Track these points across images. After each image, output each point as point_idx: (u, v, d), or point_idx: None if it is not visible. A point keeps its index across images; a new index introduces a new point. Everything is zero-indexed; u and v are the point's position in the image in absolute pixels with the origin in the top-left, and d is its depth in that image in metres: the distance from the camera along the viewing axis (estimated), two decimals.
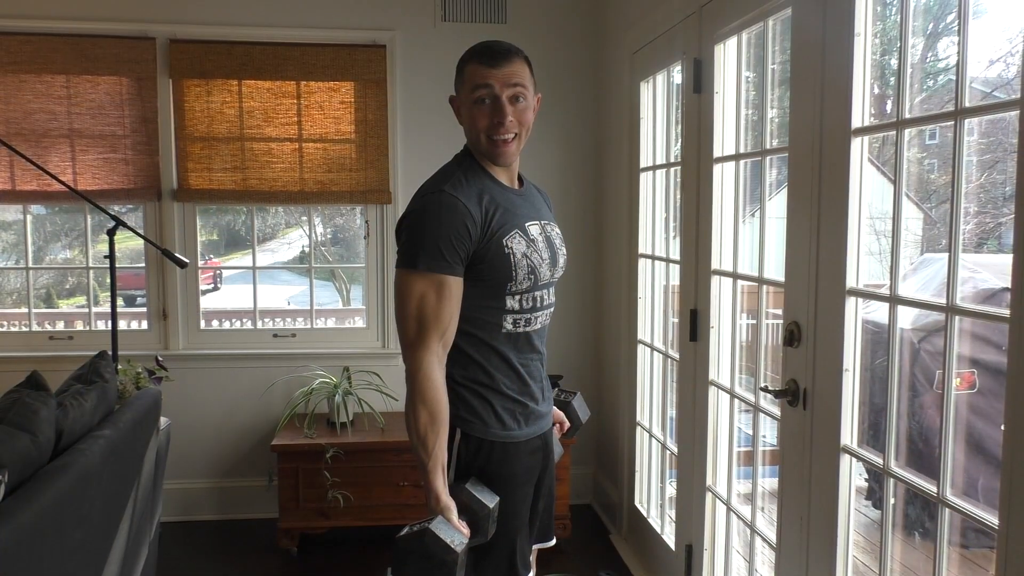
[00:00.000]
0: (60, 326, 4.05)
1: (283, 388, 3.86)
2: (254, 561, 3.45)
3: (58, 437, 1.91)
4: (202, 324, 3.89)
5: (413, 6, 3.81)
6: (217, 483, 3.90)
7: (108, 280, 3.28)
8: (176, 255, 3.33)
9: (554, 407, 2.10)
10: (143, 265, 3.86)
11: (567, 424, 2.13)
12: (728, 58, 2.53)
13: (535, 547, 1.99)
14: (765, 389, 2.21)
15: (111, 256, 3.22)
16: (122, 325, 3.86)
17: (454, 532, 1.60)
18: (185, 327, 3.85)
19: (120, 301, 3.40)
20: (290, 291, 6.52)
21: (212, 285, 7.27)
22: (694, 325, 2.74)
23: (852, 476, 1.94)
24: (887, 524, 1.87)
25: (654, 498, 3.37)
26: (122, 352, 3.27)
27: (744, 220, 2.59)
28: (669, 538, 3.09)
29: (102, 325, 3.82)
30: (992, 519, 1.47)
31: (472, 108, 1.74)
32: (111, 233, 3.20)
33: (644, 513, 3.37)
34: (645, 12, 3.18)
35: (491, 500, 1.71)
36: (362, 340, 3.96)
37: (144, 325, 3.91)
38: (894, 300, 1.78)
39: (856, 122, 1.84)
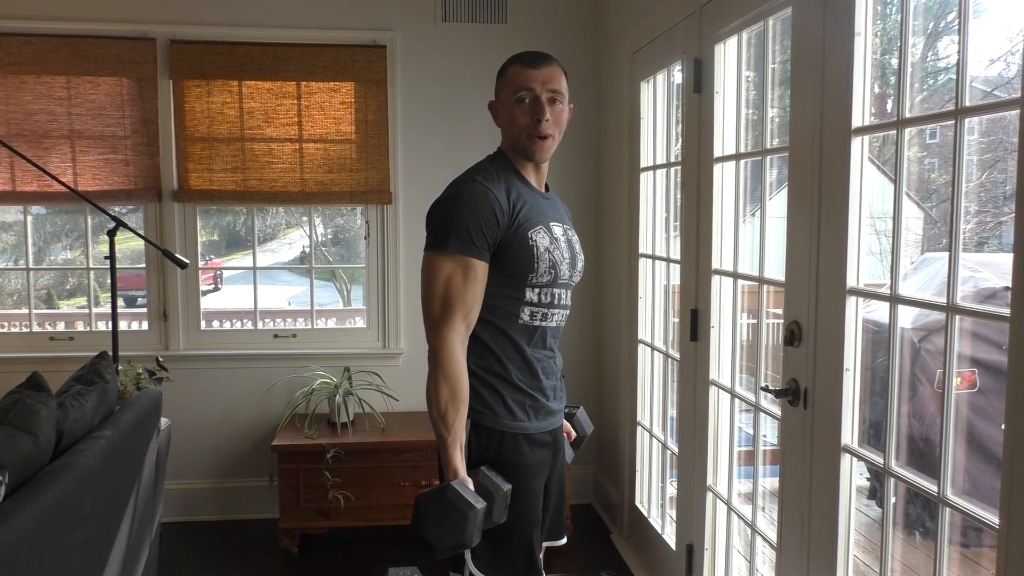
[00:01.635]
0: (61, 327, 4.05)
1: (283, 388, 3.86)
2: (255, 561, 3.46)
3: (59, 438, 1.91)
4: (203, 325, 3.89)
5: (413, 6, 3.81)
6: (218, 483, 3.90)
7: (108, 281, 3.28)
8: (176, 256, 3.33)
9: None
10: (143, 266, 3.86)
11: (574, 434, 2.16)
12: (728, 58, 2.53)
13: (545, 545, 2.00)
14: (766, 389, 2.21)
15: (111, 257, 3.21)
16: (123, 326, 3.87)
17: (474, 495, 1.66)
18: (186, 328, 3.85)
19: (120, 302, 3.40)
20: (291, 291, 6.52)
21: (213, 286, 7.27)
22: (695, 325, 2.74)
23: (853, 476, 1.94)
24: (888, 523, 1.87)
25: (655, 498, 3.37)
26: (123, 353, 3.27)
27: (744, 220, 2.59)
28: (670, 538, 3.08)
29: (103, 326, 3.82)
30: (993, 518, 1.47)
31: (513, 108, 1.83)
32: (111, 234, 3.20)
33: (645, 513, 3.37)
34: (645, 12, 3.18)
35: (504, 485, 1.75)
36: (363, 340, 3.96)
37: (145, 326, 3.91)
38: (895, 299, 1.78)
39: (856, 121, 1.84)
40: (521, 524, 1.82)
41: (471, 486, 1.70)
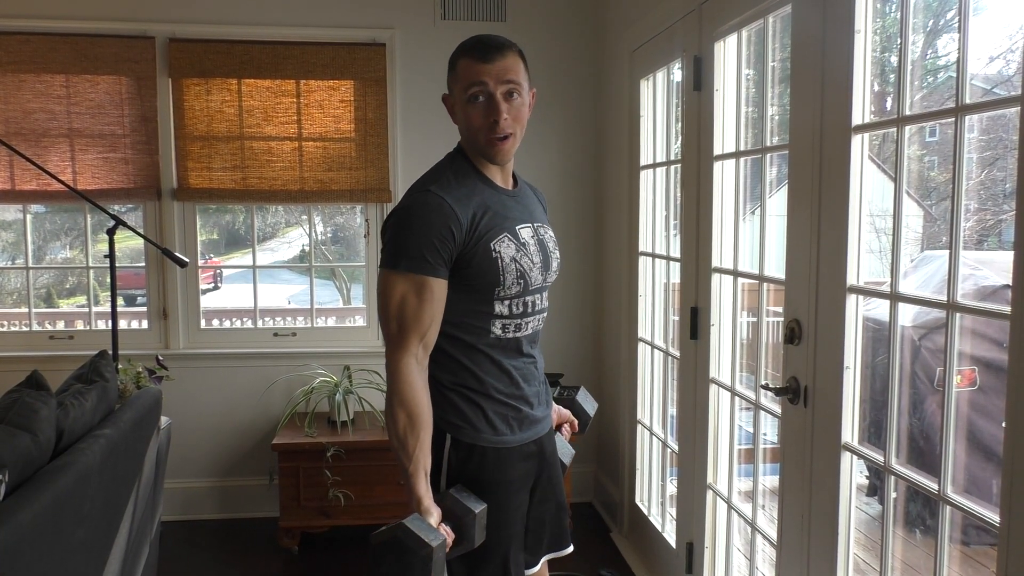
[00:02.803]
0: (60, 326, 4.05)
1: (284, 387, 3.86)
2: (255, 560, 3.46)
3: (59, 437, 1.90)
4: (202, 323, 3.89)
5: (413, 4, 3.81)
6: (218, 482, 3.90)
7: (108, 279, 3.28)
8: (176, 254, 3.33)
9: (559, 407, 2.08)
10: (143, 264, 3.86)
11: (576, 424, 2.09)
12: (728, 55, 2.52)
13: (548, 556, 1.93)
14: (766, 387, 2.21)
15: (111, 255, 3.21)
16: (122, 324, 3.87)
17: (430, 530, 1.57)
18: (185, 326, 3.85)
19: (120, 300, 3.40)
20: (290, 290, 6.52)
21: (212, 284, 7.27)
22: (695, 323, 2.74)
23: (853, 474, 1.94)
24: (888, 521, 1.87)
25: (655, 496, 3.37)
26: (122, 351, 3.27)
27: (744, 218, 2.59)
28: (670, 536, 3.09)
29: (102, 324, 3.82)
30: (993, 516, 1.47)
31: (466, 106, 1.68)
32: (111, 232, 3.20)
33: (645, 511, 3.37)
34: (645, 10, 3.17)
35: (477, 506, 1.67)
36: (362, 339, 3.96)
37: (144, 324, 3.91)
38: (895, 297, 1.78)
39: (856, 119, 1.83)
40: (499, 540, 1.73)
41: (434, 518, 1.60)
